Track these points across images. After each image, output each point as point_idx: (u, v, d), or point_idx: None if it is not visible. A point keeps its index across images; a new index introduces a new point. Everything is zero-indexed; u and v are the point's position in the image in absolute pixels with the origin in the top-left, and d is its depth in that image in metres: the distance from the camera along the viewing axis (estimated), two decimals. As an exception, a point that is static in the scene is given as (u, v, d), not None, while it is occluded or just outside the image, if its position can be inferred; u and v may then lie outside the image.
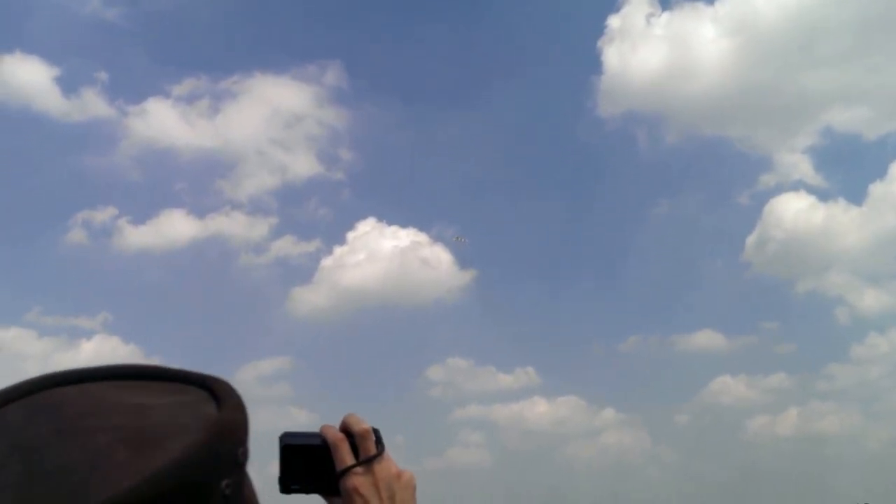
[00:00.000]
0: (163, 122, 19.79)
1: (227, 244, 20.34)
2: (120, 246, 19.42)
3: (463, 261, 20.89)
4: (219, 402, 0.59)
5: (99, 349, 18.51)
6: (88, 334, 19.24)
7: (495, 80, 24.39)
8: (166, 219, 20.21)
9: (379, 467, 0.92)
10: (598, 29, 20.96)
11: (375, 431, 0.94)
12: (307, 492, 0.94)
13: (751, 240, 21.59)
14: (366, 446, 0.93)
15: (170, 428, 0.55)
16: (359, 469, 0.92)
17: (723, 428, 21.70)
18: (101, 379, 0.61)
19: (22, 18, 20.69)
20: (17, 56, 18.91)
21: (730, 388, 20.77)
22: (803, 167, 21.48)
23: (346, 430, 0.95)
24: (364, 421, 0.95)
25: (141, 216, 20.93)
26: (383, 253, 20.70)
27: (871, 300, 21.51)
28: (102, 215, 19.30)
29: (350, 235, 21.05)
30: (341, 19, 23.35)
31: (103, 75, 19.61)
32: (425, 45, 23.71)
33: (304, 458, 0.93)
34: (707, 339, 21.55)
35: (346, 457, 0.92)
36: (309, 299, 21.19)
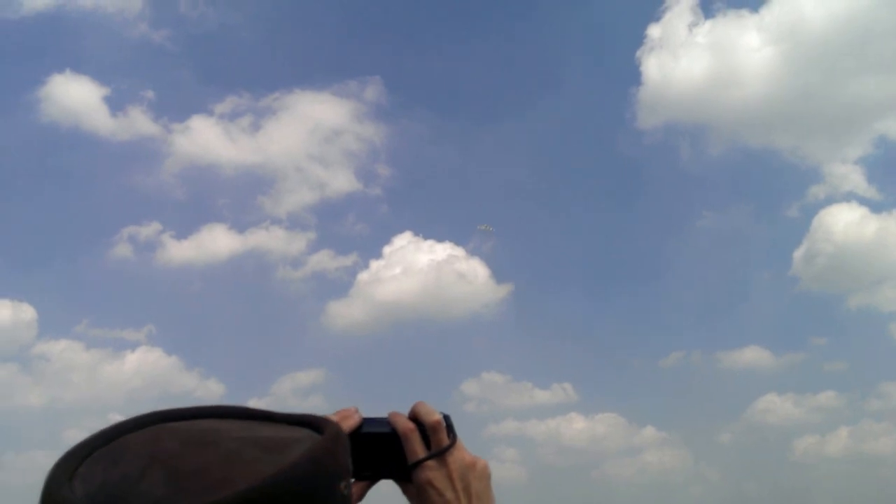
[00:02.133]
0: (206, 138, 20.25)
1: (266, 258, 20.64)
2: (163, 260, 19.85)
3: (500, 275, 20.82)
4: (316, 427, 0.65)
5: (142, 361, 18.91)
6: (133, 346, 19.66)
7: (533, 93, 24.39)
8: (208, 233, 20.59)
9: (452, 458, 0.88)
10: (638, 39, 20.78)
11: (446, 418, 0.90)
12: (378, 478, 0.90)
13: (798, 253, 21.04)
14: (438, 437, 0.89)
15: (287, 440, 0.60)
16: (431, 462, 0.88)
17: (769, 448, 21.05)
18: (204, 417, 0.65)
19: (73, 39, 21.35)
20: (68, 75, 19.47)
21: (777, 406, 20.17)
22: (855, 178, 20.88)
23: (415, 418, 0.90)
24: (435, 410, 0.90)
25: (184, 231, 21.37)
26: (419, 267, 20.76)
27: (926, 316, 20.72)
28: (147, 230, 19.77)
29: (386, 249, 21.16)
30: (381, 35, 23.64)
31: (150, 94, 20.14)
32: (463, 59, 23.86)
33: (374, 447, 0.89)
34: (753, 355, 20.99)
35: (417, 448, 0.88)
36: (345, 313, 21.35)
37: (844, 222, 20.33)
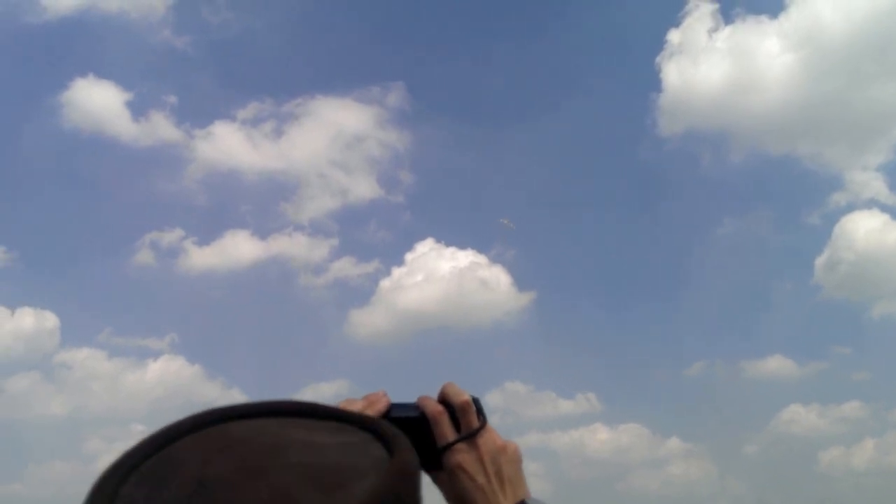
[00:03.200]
0: (228, 144, 20.41)
1: (289, 265, 20.74)
2: (185, 267, 19.98)
3: (522, 282, 20.77)
4: (386, 443, 0.58)
5: (165, 370, 19.00)
6: (155, 355, 19.77)
7: (555, 99, 24.34)
8: (230, 240, 20.72)
9: (482, 441, 0.86)
10: (658, 44, 20.70)
11: (475, 401, 0.88)
12: None
13: (820, 261, 20.78)
14: (467, 419, 0.87)
15: (350, 470, 0.54)
16: (461, 445, 0.86)
17: (794, 459, 20.72)
18: (266, 415, 0.60)
19: (96, 44, 21.56)
20: (91, 80, 19.70)
21: (801, 417, 19.85)
22: (876, 185, 20.60)
23: (444, 401, 0.89)
24: (464, 391, 0.89)
25: (206, 237, 21.52)
26: (441, 274, 20.75)
27: (952, 323, 20.37)
28: (170, 237, 19.91)
29: (408, 256, 21.17)
30: (404, 42, 23.78)
31: (172, 99, 20.36)
32: (485, 65, 23.91)
33: (403, 432, 0.87)
34: (777, 365, 20.70)
35: (447, 431, 0.87)
36: (367, 321, 21.35)
37: (866, 229, 20.07)
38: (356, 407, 0.87)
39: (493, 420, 0.88)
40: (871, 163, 21.01)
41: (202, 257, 20.16)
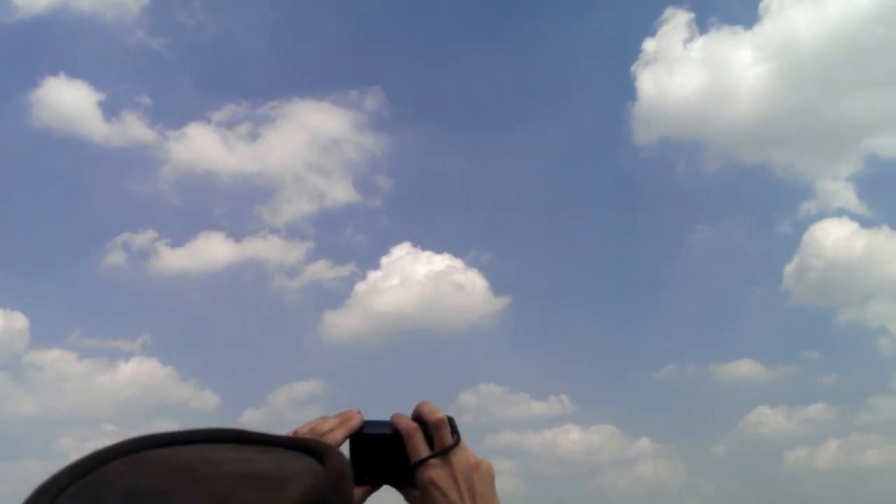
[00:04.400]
0: (202, 146, 20.19)
1: (263, 267, 20.62)
2: (158, 268, 19.75)
3: (497, 287, 20.88)
4: (318, 456, 0.59)
5: (137, 371, 18.75)
6: (127, 356, 19.49)
7: (532, 106, 24.37)
8: (204, 242, 20.54)
9: (456, 458, 0.88)
10: (634, 53, 20.93)
11: (450, 420, 0.90)
12: (380, 482, 0.89)
13: (789, 268, 21.18)
14: (441, 436, 0.89)
15: (285, 474, 0.55)
16: (435, 460, 0.87)
17: (761, 460, 21.14)
18: (194, 442, 0.60)
19: (68, 43, 21.12)
20: (62, 79, 19.34)
21: (768, 418, 20.30)
22: (846, 195, 21.01)
23: (419, 418, 0.90)
24: (439, 409, 0.90)
25: (179, 239, 21.28)
26: (417, 278, 20.78)
27: (915, 331, 20.89)
28: (142, 238, 19.64)
29: (384, 260, 21.17)
30: (382, 46, 23.73)
31: (146, 100, 20.11)
32: (465, 72, 23.93)
33: (376, 449, 0.89)
34: (747, 368, 21.08)
35: (420, 448, 0.88)
36: (342, 323, 21.32)
37: (835, 237, 20.45)
38: (330, 424, 0.88)
39: (467, 420, 0.90)
40: (842, 173, 21.40)
41: (175, 259, 19.94)
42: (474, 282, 20.58)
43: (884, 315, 20.78)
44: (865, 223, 20.59)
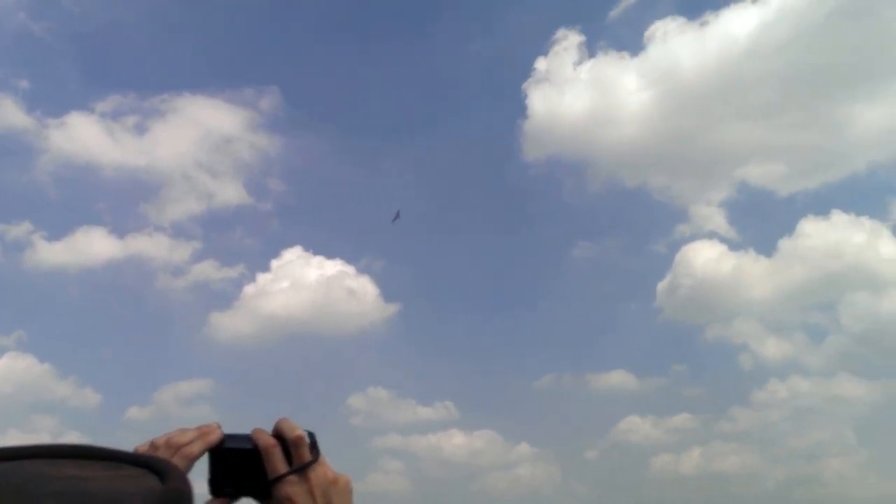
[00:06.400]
0: (85, 137, 19.02)
1: (147, 265, 19.63)
2: (33, 262, 18.44)
3: (388, 294, 20.88)
4: (161, 475, 0.58)
5: (11, 367, 17.40)
6: (0, 352, 18.04)
7: (428, 118, 24.73)
8: (84, 236, 19.30)
9: (314, 474, 0.89)
10: (526, 71, 21.55)
11: (311, 435, 0.91)
12: (239, 495, 0.90)
13: (662, 286, 22.45)
14: (300, 453, 0.90)
15: (116, 496, 0.53)
16: (293, 477, 0.89)
17: (629, 464, 22.34)
18: (32, 457, 0.58)
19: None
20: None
21: (638, 426, 21.50)
22: (717, 219, 22.59)
23: (278, 435, 0.91)
24: (298, 426, 0.91)
25: (57, 232, 19.95)
26: (308, 282, 20.46)
27: (773, 348, 22.71)
28: (16, 230, 18.27)
29: (274, 263, 20.71)
30: (282, 47, 23.23)
31: (24, 84, 18.73)
32: (363, 82, 23.89)
33: (236, 463, 0.89)
34: (620, 379, 22.25)
35: (278, 464, 0.89)
36: (229, 324, 20.69)
37: (704, 258, 21.90)
38: (188, 437, 0.87)
39: (356, 422, 0.90)
40: (714, 198, 22.94)
41: (52, 253, 18.73)
42: (366, 288, 20.52)
43: (747, 333, 22.46)
44: (734, 246, 22.17)
